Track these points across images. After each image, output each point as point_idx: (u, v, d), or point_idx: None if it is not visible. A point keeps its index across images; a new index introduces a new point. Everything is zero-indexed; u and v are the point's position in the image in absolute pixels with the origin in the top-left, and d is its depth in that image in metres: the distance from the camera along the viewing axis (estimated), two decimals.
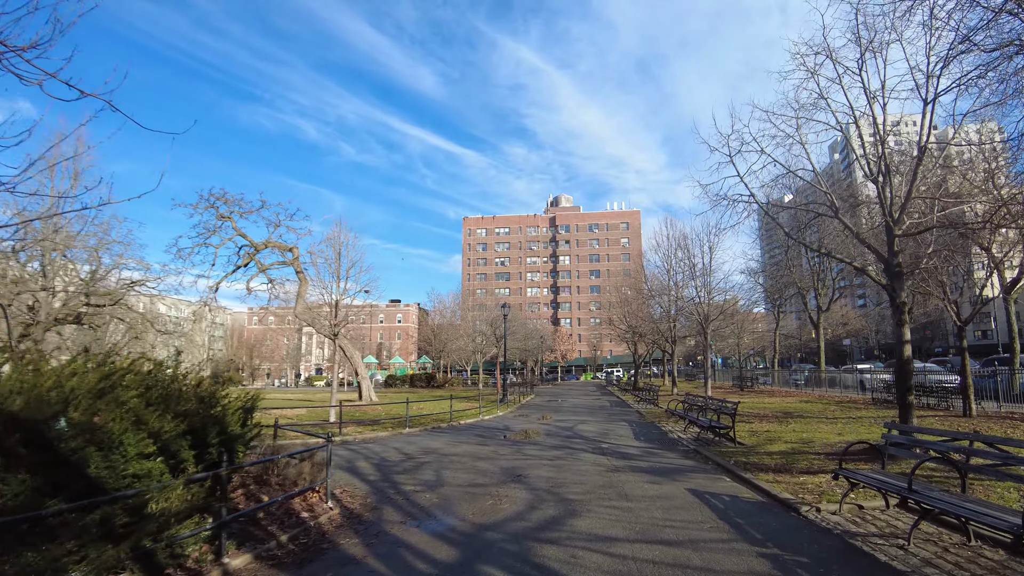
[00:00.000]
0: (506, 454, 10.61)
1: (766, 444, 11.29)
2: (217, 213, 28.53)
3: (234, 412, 5.07)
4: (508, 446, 11.88)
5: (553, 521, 5.92)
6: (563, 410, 22.95)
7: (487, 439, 13.13)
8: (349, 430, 14.99)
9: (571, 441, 12.70)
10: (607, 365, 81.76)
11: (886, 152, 9.32)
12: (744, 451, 10.52)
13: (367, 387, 27.07)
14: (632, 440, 12.93)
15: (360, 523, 6.10)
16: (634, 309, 35.81)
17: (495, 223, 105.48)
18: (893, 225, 9.33)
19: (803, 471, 8.31)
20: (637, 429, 15.25)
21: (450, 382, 49.48)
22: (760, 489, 7.34)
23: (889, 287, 9.34)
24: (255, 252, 29.70)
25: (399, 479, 8.38)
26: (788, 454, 9.87)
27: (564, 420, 18.21)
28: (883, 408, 18.52)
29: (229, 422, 4.90)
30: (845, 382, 30.07)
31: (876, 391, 21.98)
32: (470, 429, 15.65)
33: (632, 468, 9.14)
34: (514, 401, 27.03)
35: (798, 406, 20.49)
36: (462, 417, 18.37)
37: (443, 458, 10.23)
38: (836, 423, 14.60)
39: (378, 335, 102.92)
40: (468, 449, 11.38)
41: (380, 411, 21.44)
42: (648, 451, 11.21)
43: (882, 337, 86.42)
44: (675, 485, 7.73)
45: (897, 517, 5.80)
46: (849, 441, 11.15)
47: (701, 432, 13.10)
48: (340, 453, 11.17)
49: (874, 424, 13.99)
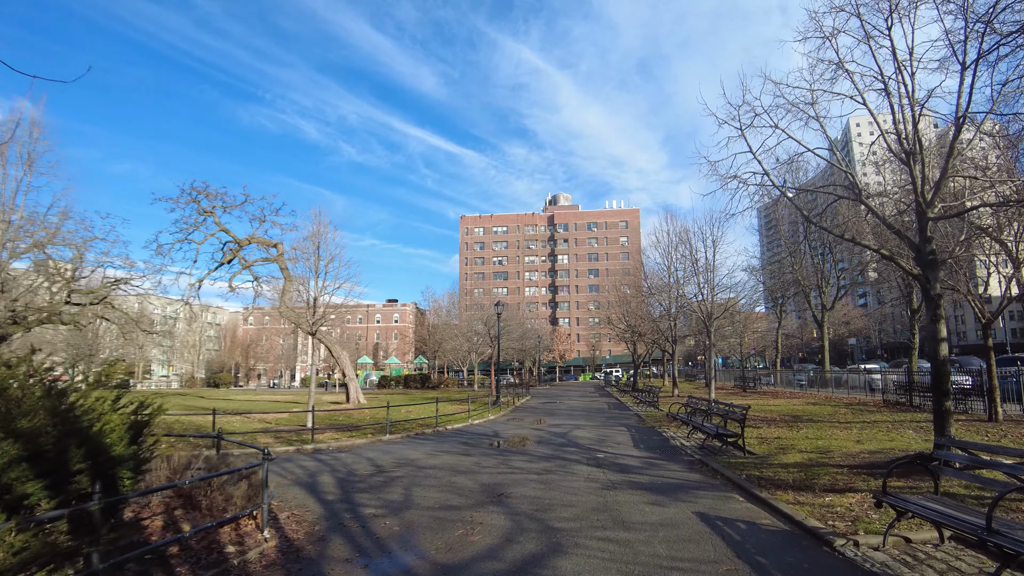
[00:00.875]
0: (490, 466, 9.49)
1: (779, 454, 10.18)
2: (199, 207, 27.41)
3: (116, 428, 3.94)
4: (494, 456, 10.75)
5: (532, 561, 4.80)
6: (559, 413, 21.83)
7: (472, 447, 12.00)
8: (325, 436, 13.86)
9: (564, 450, 11.58)
10: (606, 365, 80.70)
11: (918, 124, 8.21)
12: (756, 462, 9.41)
13: (355, 389, 25.94)
14: (631, 448, 11.81)
15: (297, 560, 4.97)
16: (633, 308, 34.72)
17: (493, 222, 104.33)
18: (926, 208, 8.22)
19: (827, 488, 7.20)
20: (636, 435, 14.14)
21: (445, 383, 48.33)
22: (781, 513, 6.23)
23: (922, 277, 8.22)
24: (239, 248, 28.58)
25: (361, 499, 7.26)
26: (806, 467, 8.76)
27: (559, 425, 17.09)
28: (897, 411, 17.43)
29: (109, 441, 3.78)
30: (851, 383, 29.03)
31: (887, 392, 20.89)
32: (456, 435, 14.53)
33: (631, 484, 8.02)
34: (508, 403, 25.91)
35: (806, 408, 19.40)
36: (450, 422, 17.25)
37: (418, 471, 9.11)
38: (851, 428, 13.50)
39: (375, 335, 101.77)
40: (448, 460, 10.25)
41: (366, 415, 20.31)
42: (649, 462, 10.09)
43: (885, 336, 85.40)
44: (680, 507, 6.61)
45: (959, 556, 4.69)
46: (870, 450, 10.07)
47: (706, 439, 11.99)
48: (305, 464, 10.05)
49: (892, 430, 12.90)
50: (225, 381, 68.41)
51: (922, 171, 8.31)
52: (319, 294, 15.92)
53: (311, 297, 16.11)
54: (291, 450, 12.13)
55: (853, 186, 9.11)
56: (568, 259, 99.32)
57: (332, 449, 12.25)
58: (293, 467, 9.79)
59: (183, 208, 26.98)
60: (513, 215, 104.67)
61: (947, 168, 8.10)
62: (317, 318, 15.78)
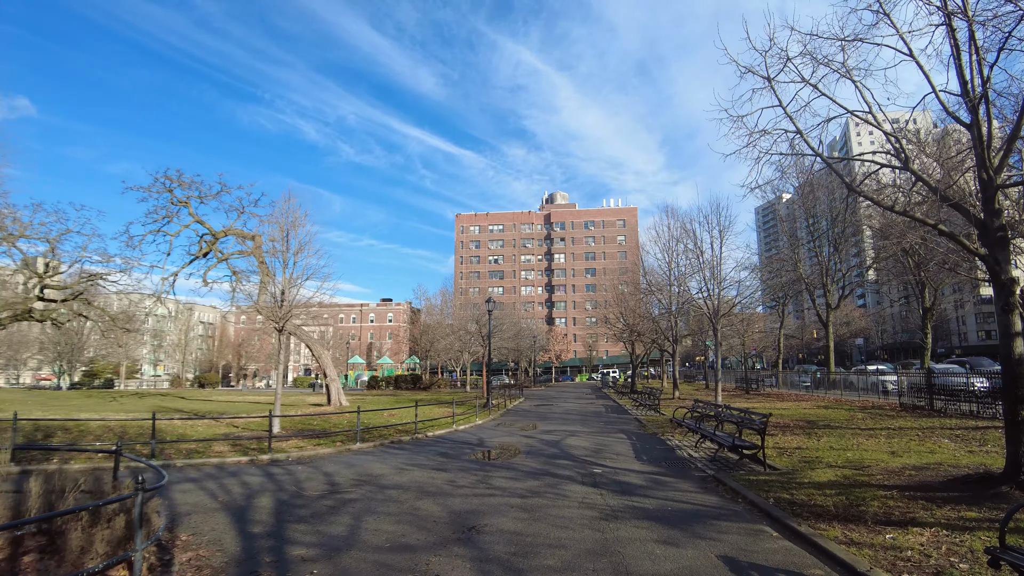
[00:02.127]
0: (466, 486, 7.97)
1: (806, 469, 8.71)
2: (172, 197, 25.81)
3: None
4: (473, 471, 9.23)
5: None
6: (552, 417, 20.32)
7: (450, 460, 10.47)
8: (288, 445, 12.31)
9: (556, 463, 10.06)
10: (603, 366, 79.26)
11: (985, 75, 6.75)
12: (782, 480, 7.93)
13: (336, 390, 24.35)
14: (632, 461, 10.31)
15: None
16: (632, 306, 33.26)
17: (489, 220, 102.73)
18: (993, 175, 6.77)
19: (882, 519, 5.73)
20: (638, 444, 12.64)
21: (437, 384, 46.71)
22: (835, 559, 4.73)
23: (989, 258, 6.76)
24: (214, 240, 26.99)
25: (295, 532, 5.73)
26: (845, 487, 7.29)
27: (552, 431, 15.58)
28: (918, 416, 16.02)
29: None
30: (858, 384, 27.69)
31: (904, 395, 19.47)
32: (436, 444, 13.00)
33: (635, 512, 6.52)
34: (499, 406, 24.38)
35: (819, 413, 17.97)
36: (432, 427, 15.71)
37: (378, 493, 7.58)
38: (876, 437, 12.04)
39: (368, 335, 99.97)
40: (418, 477, 8.72)
41: (344, 419, 18.77)
42: (654, 479, 8.60)
43: (885, 337, 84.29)
44: (700, 548, 5.11)
45: None
46: (913, 465, 8.60)
47: (719, 450, 10.51)
48: (250, 480, 8.51)
49: (924, 438, 11.45)
50: (211, 381, 66.67)
51: (988, 130, 6.85)
52: (287, 286, 14.36)
53: (278, 289, 14.53)
54: (243, 461, 10.58)
55: (899, 152, 7.64)
56: (565, 258, 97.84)
57: (291, 460, 10.71)
58: (233, 484, 8.25)
59: (156, 198, 25.43)
60: (509, 213, 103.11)
61: (1019, 127, 6.64)
62: (285, 312, 14.22)
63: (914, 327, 74.47)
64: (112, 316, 28.12)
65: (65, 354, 61.47)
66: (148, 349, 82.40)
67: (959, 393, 17.04)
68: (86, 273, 25.04)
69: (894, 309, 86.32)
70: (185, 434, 14.54)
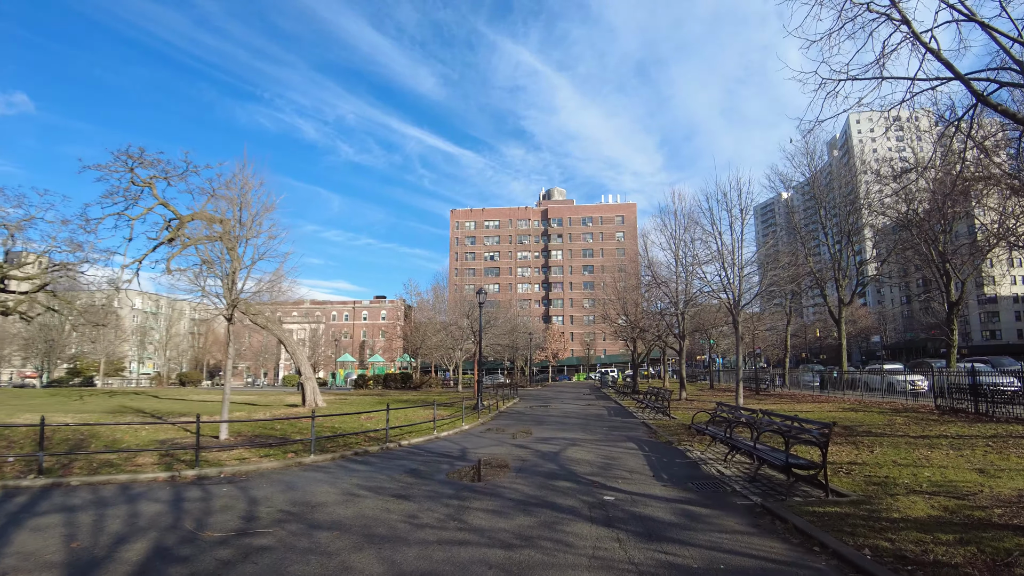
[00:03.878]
0: (429, 526, 5.77)
1: (883, 496, 6.59)
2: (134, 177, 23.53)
3: None
4: (444, 500, 7.04)
5: None
6: (549, 421, 18.15)
7: (418, 481, 8.26)
8: (231, 456, 10.11)
9: (554, 487, 7.88)
10: (601, 365, 77.24)
11: None
12: (860, 514, 5.80)
13: (312, 390, 22.12)
14: (652, 482, 8.14)
15: None
16: (634, 300, 31.14)
17: (484, 216, 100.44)
18: None
19: None
20: (653, 457, 10.48)
21: (428, 383, 44.44)
22: None
23: None
24: (181, 224, 24.72)
25: None
26: (958, 526, 5.17)
27: (548, 439, 13.39)
28: (967, 420, 13.93)
29: None
30: (873, 384, 25.75)
31: (941, 397, 17.40)
32: (409, 456, 10.81)
33: (671, 570, 4.38)
34: (491, 407, 22.21)
35: (849, 416, 15.92)
36: (409, 434, 13.53)
37: (303, 536, 5.39)
38: (939, 448, 9.94)
39: (361, 332, 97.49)
40: (369, 509, 6.51)
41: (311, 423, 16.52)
42: (686, 512, 6.44)
43: (889, 336, 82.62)
44: None
45: None
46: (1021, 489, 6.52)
47: (759, 467, 8.37)
48: (144, 509, 6.29)
49: (1005, 450, 9.34)
50: (193, 379, 64.27)
51: None
52: (237, 267, 12.16)
53: (226, 271, 12.32)
54: (160, 478, 8.38)
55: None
56: (562, 255, 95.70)
57: (221, 478, 8.50)
58: (116, 517, 6.05)
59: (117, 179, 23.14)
60: (506, 209, 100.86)
61: None
62: (234, 298, 12.02)
63: (918, 327, 72.86)
64: (80, 310, 25.93)
65: (44, 351, 58.90)
66: (131, 346, 79.81)
67: (1010, 395, 15.00)
68: (52, 264, 22.93)
69: (896, 308, 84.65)
70: (117, 441, 12.33)
